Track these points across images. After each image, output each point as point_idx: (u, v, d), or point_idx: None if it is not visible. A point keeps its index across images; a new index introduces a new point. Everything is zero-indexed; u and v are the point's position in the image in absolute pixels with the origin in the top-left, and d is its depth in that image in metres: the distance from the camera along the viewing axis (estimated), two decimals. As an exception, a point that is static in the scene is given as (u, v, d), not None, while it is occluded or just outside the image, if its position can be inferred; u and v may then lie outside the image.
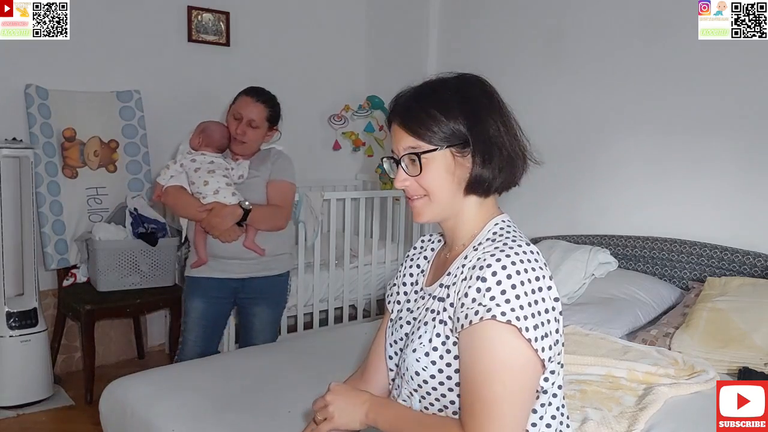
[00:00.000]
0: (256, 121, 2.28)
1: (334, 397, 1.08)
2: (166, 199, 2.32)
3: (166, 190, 2.29)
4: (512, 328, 0.91)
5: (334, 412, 1.06)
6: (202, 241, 2.27)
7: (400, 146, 1.03)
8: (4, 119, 2.92)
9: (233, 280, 2.31)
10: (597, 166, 3.01)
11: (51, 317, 3.06)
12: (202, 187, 2.23)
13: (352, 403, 1.07)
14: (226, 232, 2.20)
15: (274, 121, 2.36)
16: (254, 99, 2.30)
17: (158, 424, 1.59)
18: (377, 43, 4.18)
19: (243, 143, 2.29)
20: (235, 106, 2.31)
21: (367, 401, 1.07)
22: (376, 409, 1.05)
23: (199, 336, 2.32)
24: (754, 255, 2.41)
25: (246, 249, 2.26)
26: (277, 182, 2.31)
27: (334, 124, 3.98)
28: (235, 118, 2.29)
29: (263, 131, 2.32)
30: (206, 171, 2.26)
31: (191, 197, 2.26)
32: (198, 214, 2.22)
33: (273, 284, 2.38)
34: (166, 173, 2.30)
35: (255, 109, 2.28)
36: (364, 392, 1.11)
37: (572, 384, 1.80)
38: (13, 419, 2.67)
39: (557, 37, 3.15)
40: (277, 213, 2.29)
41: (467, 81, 1.05)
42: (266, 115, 2.31)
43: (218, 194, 2.21)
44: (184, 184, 2.29)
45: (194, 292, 2.33)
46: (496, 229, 1.04)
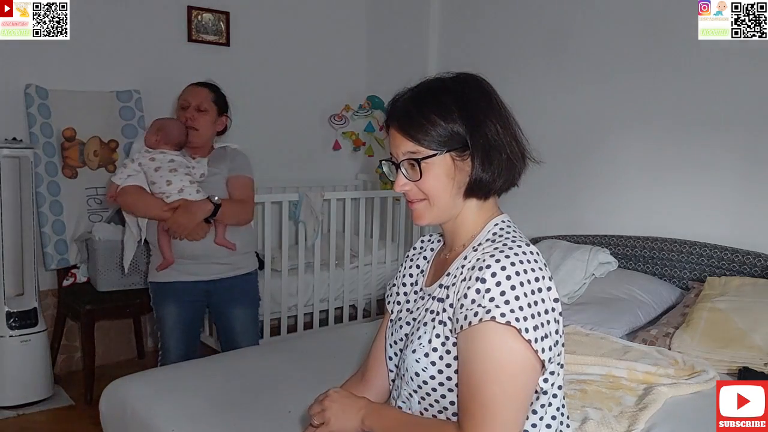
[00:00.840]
0: (203, 104, 2.26)
1: (330, 403, 1.08)
2: (124, 199, 2.20)
3: (123, 189, 2.19)
4: (512, 329, 0.91)
5: (330, 417, 1.07)
6: (167, 242, 2.20)
7: (399, 151, 1.03)
8: (4, 119, 2.92)
9: (203, 282, 2.26)
10: (597, 166, 3.01)
11: (51, 317, 3.06)
12: (166, 187, 2.17)
13: (348, 408, 1.07)
14: (194, 230, 2.15)
15: (222, 107, 2.34)
16: (196, 86, 2.32)
17: (158, 424, 1.59)
18: (377, 43, 4.18)
19: (195, 130, 2.25)
20: (180, 97, 2.31)
21: (364, 407, 1.07)
22: (373, 416, 1.05)
23: (180, 341, 2.27)
24: (754, 255, 2.41)
25: (216, 247, 2.22)
26: (238, 177, 2.28)
27: (334, 124, 3.98)
28: (183, 107, 2.28)
29: (212, 116, 2.29)
30: (168, 170, 2.20)
31: (153, 197, 2.19)
32: (163, 214, 2.15)
33: (244, 283, 2.34)
34: (122, 172, 2.22)
35: (201, 93, 2.28)
36: (361, 398, 1.11)
37: (572, 384, 1.80)
38: (13, 419, 2.67)
39: (558, 38, 3.15)
40: (244, 207, 2.26)
41: (465, 82, 1.04)
42: (212, 98, 2.30)
43: (183, 193, 2.16)
44: (143, 184, 2.21)
45: (165, 298, 2.26)
46: (496, 229, 1.04)
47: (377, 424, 1.04)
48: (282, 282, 3.21)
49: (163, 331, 2.29)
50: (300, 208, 3.18)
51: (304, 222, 3.20)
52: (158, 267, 2.24)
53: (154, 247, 2.28)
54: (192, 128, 2.25)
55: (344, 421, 1.06)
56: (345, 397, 1.10)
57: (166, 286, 2.26)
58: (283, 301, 3.24)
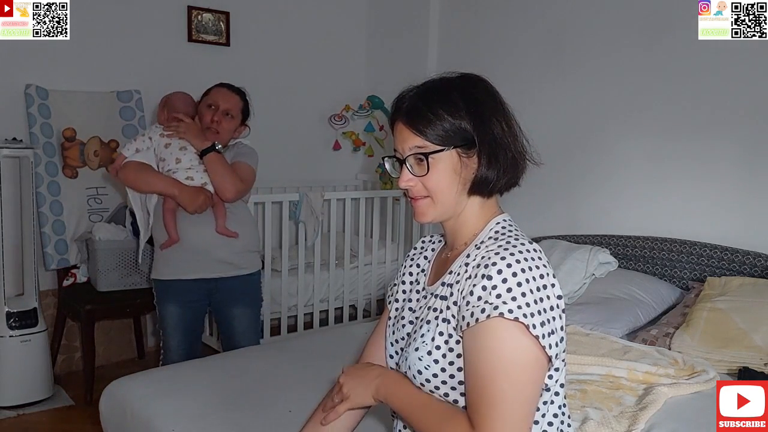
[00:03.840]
0: (232, 111, 2.26)
1: (346, 378, 1.10)
2: (126, 174, 2.18)
3: (126, 164, 2.18)
4: (520, 325, 0.91)
5: (349, 392, 1.09)
6: (172, 220, 2.19)
7: (406, 146, 1.03)
8: (4, 119, 2.92)
9: (205, 281, 2.25)
10: (597, 166, 3.01)
11: (51, 317, 3.06)
12: (174, 164, 2.18)
13: (363, 379, 1.09)
14: (199, 203, 2.15)
15: (246, 116, 2.35)
16: (230, 90, 2.30)
17: (158, 424, 1.59)
18: (377, 43, 4.18)
19: (216, 133, 2.24)
20: (209, 96, 2.29)
21: (379, 376, 1.08)
22: (387, 385, 1.06)
23: (181, 341, 2.28)
24: (754, 255, 2.41)
25: (218, 240, 2.21)
26: (239, 163, 2.26)
27: (335, 124, 3.98)
28: (210, 106, 2.26)
29: (237, 123, 2.29)
30: (177, 147, 2.20)
31: (157, 173, 2.18)
32: (168, 189, 2.14)
33: (246, 283, 2.33)
34: (132, 145, 2.21)
35: (232, 99, 2.27)
36: (375, 367, 1.12)
37: (572, 384, 1.80)
38: (13, 419, 2.67)
39: (557, 37, 3.15)
40: (234, 176, 2.19)
41: (471, 81, 1.05)
42: (241, 107, 2.30)
43: (191, 171, 2.17)
44: (150, 161, 2.21)
45: (167, 297, 2.26)
46: (498, 228, 1.05)
47: (391, 395, 1.05)
48: (282, 282, 3.21)
49: (165, 330, 2.29)
50: (300, 208, 3.19)
51: (304, 222, 3.20)
52: (162, 245, 2.23)
53: (157, 241, 2.28)
54: (214, 130, 2.24)
55: (362, 392, 1.08)
56: (359, 368, 1.12)
57: (168, 284, 2.25)
58: (283, 301, 3.24)
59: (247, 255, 2.33)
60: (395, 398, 1.04)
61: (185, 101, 2.28)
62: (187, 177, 2.18)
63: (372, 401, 1.08)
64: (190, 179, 2.19)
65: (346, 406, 1.09)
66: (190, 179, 2.19)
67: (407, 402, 1.03)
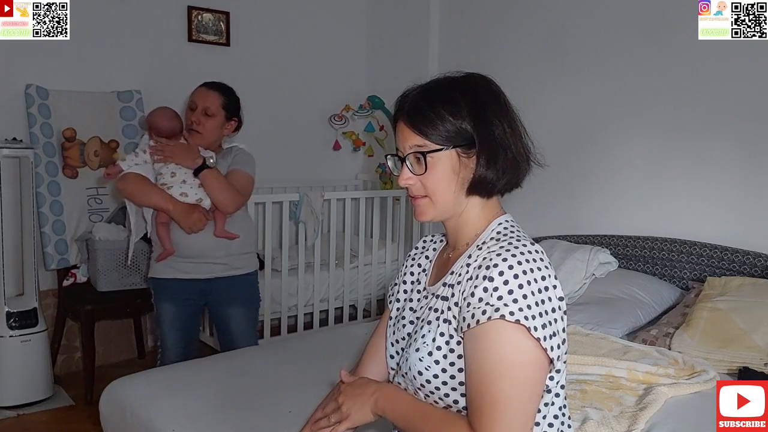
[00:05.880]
0: (210, 109, 2.22)
1: (344, 397, 1.08)
2: (124, 185, 2.18)
3: (125, 175, 2.18)
4: (521, 327, 0.91)
5: (348, 411, 1.07)
6: (166, 232, 2.19)
7: (406, 144, 1.03)
8: (4, 119, 2.92)
9: (200, 281, 2.25)
10: (597, 166, 3.01)
11: (51, 317, 3.06)
12: (169, 178, 2.17)
13: (361, 396, 1.07)
14: (195, 221, 2.15)
15: (232, 111, 2.30)
16: (207, 88, 2.27)
17: (158, 424, 1.59)
18: (377, 42, 4.18)
19: (199, 133, 2.22)
20: (190, 98, 2.28)
21: (377, 391, 1.07)
22: (385, 398, 1.05)
23: (178, 339, 2.28)
24: (754, 255, 2.41)
25: (213, 246, 2.21)
26: (236, 171, 2.24)
27: (335, 124, 3.99)
28: (191, 108, 2.24)
29: (220, 120, 2.25)
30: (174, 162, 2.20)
31: (154, 186, 2.18)
32: (163, 204, 2.13)
33: (241, 284, 2.32)
34: (132, 159, 2.21)
35: (210, 97, 2.24)
36: (371, 382, 1.10)
37: (572, 384, 1.80)
38: (13, 419, 2.67)
39: (558, 37, 3.15)
40: (230, 188, 2.18)
41: (475, 81, 1.05)
42: (221, 103, 2.25)
43: (185, 185, 2.16)
44: (149, 175, 2.20)
45: (162, 296, 2.26)
46: (500, 228, 1.04)
47: (389, 407, 1.04)
48: (282, 282, 3.21)
49: (161, 329, 2.30)
50: (300, 208, 3.19)
51: (304, 222, 3.20)
52: (158, 258, 2.24)
53: (155, 243, 2.27)
54: (195, 131, 2.23)
55: (361, 409, 1.06)
56: (355, 387, 1.10)
57: (162, 282, 2.26)
58: (283, 301, 3.24)
59: (243, 256, 2.33)
60: (394, 409, 1.04)
61: (166, 117, 2.23)
62: (182, 193, 2.17)
63: (372, 417, 1.07)
64: (184, 195, 2.17)
65: (346, 426, 1.07)
66: (184, 195, 2.17)
67: (407, 411, 1.02)
